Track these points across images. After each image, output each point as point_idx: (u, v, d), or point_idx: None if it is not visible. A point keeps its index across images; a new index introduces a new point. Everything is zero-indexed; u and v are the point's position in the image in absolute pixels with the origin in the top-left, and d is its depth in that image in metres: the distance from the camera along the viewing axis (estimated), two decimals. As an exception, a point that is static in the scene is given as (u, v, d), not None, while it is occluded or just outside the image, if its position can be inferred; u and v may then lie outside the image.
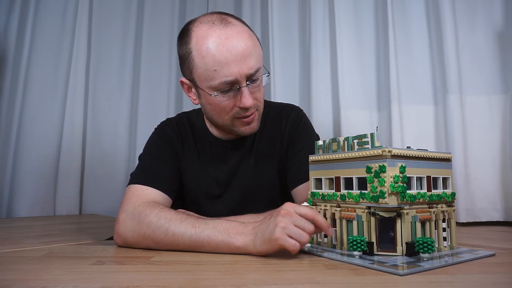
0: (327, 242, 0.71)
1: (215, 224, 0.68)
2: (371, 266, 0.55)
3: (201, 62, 0.76)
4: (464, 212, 1.31)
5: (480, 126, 1.36)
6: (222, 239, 0.66)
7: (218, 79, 0.75)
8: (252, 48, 0.77)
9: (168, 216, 0.71)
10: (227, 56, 0.74)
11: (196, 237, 0.68)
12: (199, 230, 0.68)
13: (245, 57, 0.75)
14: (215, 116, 0.84)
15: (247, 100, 0.77)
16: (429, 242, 0.57)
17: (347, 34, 1.58)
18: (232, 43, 0.75)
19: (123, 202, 0.79)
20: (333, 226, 0.70)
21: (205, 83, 0.78)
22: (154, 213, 0.72)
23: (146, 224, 0.71)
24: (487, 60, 1.40)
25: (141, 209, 0.74)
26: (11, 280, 0.51)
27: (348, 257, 0.61)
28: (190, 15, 2.03)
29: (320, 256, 0.64)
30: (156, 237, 0.70)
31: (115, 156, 1.83)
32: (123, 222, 0.75)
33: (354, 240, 0.61)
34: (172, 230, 0.69)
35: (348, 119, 1.52)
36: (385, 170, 0.60)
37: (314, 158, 0.74)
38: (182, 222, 0.70)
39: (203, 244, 0.67)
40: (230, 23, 0.77)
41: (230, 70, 0.74)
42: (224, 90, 0.77)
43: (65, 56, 1.77)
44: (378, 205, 0.61)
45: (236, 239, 0.65)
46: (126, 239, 0.74)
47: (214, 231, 0.67)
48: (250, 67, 0.76)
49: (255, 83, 0.80)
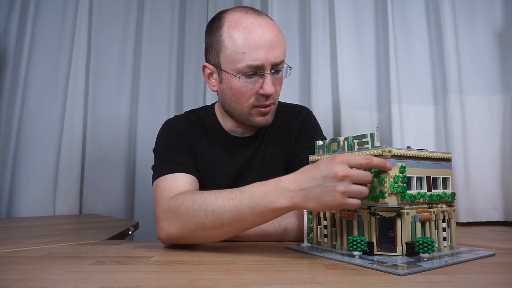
0: (327, 242, 0.71)
1: (251, 191, 0.65)
2: (371, 266, 0.55)
3: (231, 44, 0.78)
4: (464, 212, 1.31)
5: (480, 126, 1.36)
6: (265, 206, 0.62)
7: (245, 61, 0.77)
8: (281, 40, 0.81)
9: (202, 197, 0.69)
10: (258, 41, 0.77)
11: (237, 211, 0.65)
12: (238, 202, 0.65)
13: (274, 46, 0.79)
14: (234, 102, 0.85)
15: (269, 87, 0.80)
16: (429, 242, 0.57)
17: (347, 34, 1.58)
18: (264, 30, 0.78)
19: (156, 200, 0.78)
20: (333, 226, 0.70)
21: (232, 65, 0.80)
22: (187, 198, 0.70)
23: (184, 211, 0.69)
24: (487, 60, 1.40)
25: (174, 200, 0.72)
26: (11, 280, 0.51)
27: (348, 257, 0.61)
28: (190, 15, 2.03)
29: (320, 256, 0.64)
30: (198, 222, 0.67)
31: (115, 156, 1.83)
32: (162, 218, 0.73)
33: (354, 240, 0.61)
34: (211, 208, 0.66)
35: (348, 119, 1.52)
36: None
37: (314, 158, 0.74)
38: (218, 197, 0.67)
39: (247, 215, 0.64)
40: (262, 15, 0.82)
41: (259, 55, 0.77)
42: (249, 74, 0.79)
43: (65, 56, 1.77)
44: (378, 205, 0.61)
45: (281, 202, 0.61)
46: (170, 234, 0.72)
47: (253, 199, 0.63)
48: (277, 56, 0.79)
49: (277, 74, 0.83)
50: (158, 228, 0.74)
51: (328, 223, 0.71)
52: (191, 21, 2.02)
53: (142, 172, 1.81)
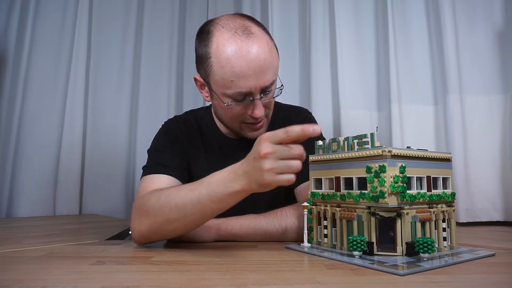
0: (327, 242, 0.71)
1: (208, 180, 0.66)
2: (371, 266, 0.55)
3: (219, 71, 0.77)
4: (464, 212, 1.31)
5: (480, 126, 1.36)
6: (223, 192, 0.64)
7: (233, 89, 0.77)
8: (270, 62, 0.78)
9: (166, 192, 0.71)
10: (246, 70, 0.75)
11: (197, 201, 0.66)
12: (197, 192, 0.66)
13: (263, 71, 0.77)
14: (224, 119, 0.88)
15: (259, 111, 0.80)
16: (429, 242, 0.57)
17: (347, 34, 1.58)
18: (252, 57, 0.75)
19: (136, 195, 0.80)
20: (333, 226, 0.70)
21: (221, 89, 0.79)
22: (154, 195, 0.72)
23: (151, 208, 0.71)
24: (487, 60, 1.40)
25: (143, 198, 0.74)
26: (11, 280, 0.51)
27: (348, 257, 0.61)
28: (190, 15, 2.03)
29: (320, 256, 0.64)
30: (163, 216, 0.69)
31: (115, 156, 1.83)
32: (133, 217, 0.74)
33: (354, 240, 0.61)
34: (174, 202, 0.68)
35: (348, 119, 1.52)
36: (385, 170, 0.60)
37: (314, 158, 0.74)
38: (180, 190, 0.69)
39: (207, 204, 0.66)
40: (252, 34, 0.77)
41: (247, 83, 0.76)
42: (238, 100, 0.79)
43: (65, 56, 1.77)
44: (378, 205, 0.61)
45: (234, 187, 0.63)
46: (141, 232, 0.73)
47: (210, 187, 0.65)
48: (266, 80, 0.78)
49: (268, 95, 0.82)
50: (131, 228, 0.75)
51: (328, 223, 0.71)
52: (191, 21, 2.02)
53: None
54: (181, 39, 1.99)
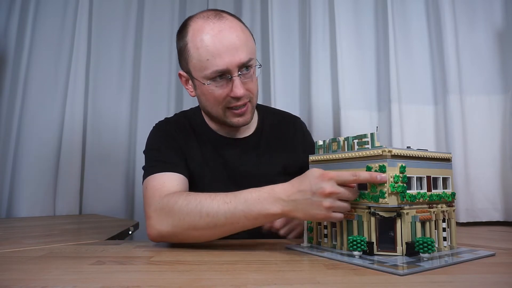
0: (327, 242, 0.71)
1: (245, 197, 0.68)
2: (371, 266, 0.55)
3: (196, 53, 0.81)
4: (464, 212, 1.31)
5: (480, 126, 1.36)
6: (259, 211, 0.66)
7: (210, 68, 0.79)
8: (244, 40, 0.81)
9: (197, 198, 0.70)
10: (219, 47, 0.78)
11: (231, 215, 0.67)
12: (232, 206, 0.67)
13: (237, 48, 0.79)
14: (209, 106, 0.88)
15: (239, 90, 0.81)
16: (429, 242, 0.57)
17: (347, 34, 1.58)
18: (224, 35, 0.79)
19: (146, 198, 0.79)
20: (332, 226, 0.70)
21: (199, 73, 0.82)
22: (182, 198, 0.72)
23: (177, 211, 0.70)
24: (487, 60, 1.40)
25: (168, 199, 0.73)
26: (11, 280, 0.51)
27: (348, 257, 0.61)
28: (190, 15, 2.03)
29: (320, 256, 0.64)
30: (191, 222, 0.69)
31: (115, 156, 1.83)
32: (154, 216, 0.74)
33: (354, 240, 0.61)
34: (206, 210, 0.68)
35: (348, 119, 1.52)
36: (385, 170, 0.60)
37: (314, 158, 0.74)
38: (213, 200, 0.69)
39: (240, 219, 0.67)
40: (223, 17, 0.82)
41: (222, 60, 0.79)
42: (216, 79, 0.81)
43: (65, 56, 1.77)
44: (378, 205, 0.61)
45: (273, 209, 0.65)
46: (161, 232, 0.73)
47: (247, 204, 0.67)
48: (241, 57, 0.80)
49: (247, 74, 0.83)
50: (148, 225, 0.75)
51: (328, 223, 0.71)
52: (191, 21, 2.01)
53: (142, 172, 1.81)
54: (181, 39, 1.99)
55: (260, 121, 1.00)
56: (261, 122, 1.00)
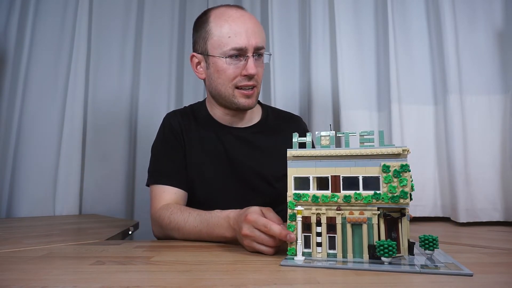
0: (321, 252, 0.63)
1: (209, 220, 0.82)
2: (433, 271, 0.53)
3: (218, 31, 0.92)
4: (464, 212, 1.30)
5: (480, 126, 1.36)
6: (217, 234, 0.80)
7: (230, 45, 0.91)
8: (260, 28, 0.95)
9: (175, 220, 0.88)
10: (241, 27, 0.91)
11: (198, 235, 0.84)
12: (198, 230, 0.83)
13: (255, 32, 0.92)
14: (220, 84, 0.96)
15: (252, 68, 0.91)
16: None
17: (347, 34, 1.58)
18: (245, 19, 0.93)
19: (151, 203, 0.99)
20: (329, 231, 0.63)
21: (218, 49, 0.92)
22: (166, 216, 0.90)
23: (164, 226, 0.90)
24: (487, 60, 1.39)
25: (159, 213, 0.92)
26: (11, 280, 0.51)
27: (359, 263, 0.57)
28: (190, 15, 2.02)
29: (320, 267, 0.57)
30: (172, 235, 0.89)
31: (115, 157, 1.83)
32: (152, 222, 0.97)
33: (381, 245, 0.57)
34: (182, 231, 0.87)
35: (348, 119, 1.52)
36: (408, 169, 0.59)
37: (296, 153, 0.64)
38: (185, 224, 0.86)
39: (204, 237, 0.83)
40: (242, 9, 0.96)
41: (242, 39, 0.90)
42: (234, 56, 0.91)
43: (65, 56, 1.77)
44: (399, 205, 0.59)
45: (227, 234, 0.78)
46: (155, 233, 0.97)
47: (209, 228, 0.81)
48: (258, 41, 0.92)
49: (259, 59, 0.95)
50: (151, 224, 0.99)
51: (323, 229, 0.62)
52: (191, 21, 2.00)
53: (143, 173, 1.79)
54: (181, 39, 1.99)
55: (264, 116, 1.08)
56: (265, 117, 1.07)
